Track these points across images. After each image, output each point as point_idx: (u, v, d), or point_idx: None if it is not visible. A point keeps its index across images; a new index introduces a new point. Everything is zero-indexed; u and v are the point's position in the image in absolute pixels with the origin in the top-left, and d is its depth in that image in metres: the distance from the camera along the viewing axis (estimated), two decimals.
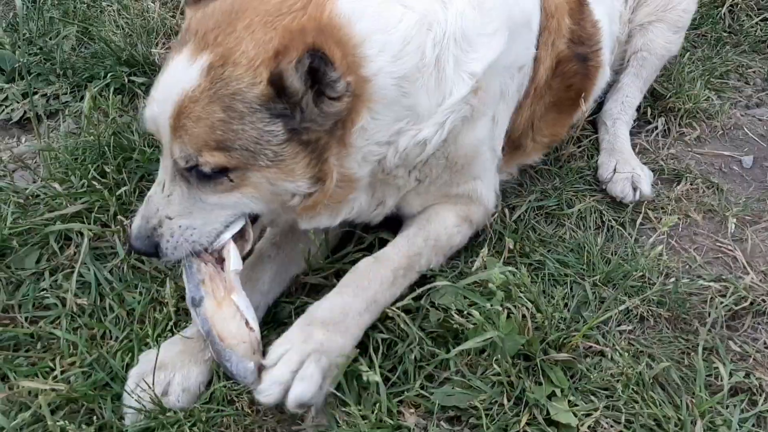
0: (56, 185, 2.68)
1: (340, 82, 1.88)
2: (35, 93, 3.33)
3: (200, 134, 1.87)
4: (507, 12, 2.28)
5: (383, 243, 2.46)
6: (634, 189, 2.92)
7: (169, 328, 2.25)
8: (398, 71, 2.02)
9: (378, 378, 2.00)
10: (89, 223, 2.55)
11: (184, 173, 1.98)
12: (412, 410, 2.09)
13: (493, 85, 2.31)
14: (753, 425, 2.15)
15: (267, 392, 1.93)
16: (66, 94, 3.37)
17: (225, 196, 2.01)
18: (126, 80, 3.34)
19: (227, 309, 2.08)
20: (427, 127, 2.16)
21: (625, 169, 2.97)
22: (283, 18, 1.90)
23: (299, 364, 1.95)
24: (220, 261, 2.14)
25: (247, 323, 2.08)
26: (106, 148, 2.82)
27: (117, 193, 2.66)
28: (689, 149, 3.34)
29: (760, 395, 2.22)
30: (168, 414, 1.96)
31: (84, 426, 1.94)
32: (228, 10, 1.93)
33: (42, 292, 2.36)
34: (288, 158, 1.95)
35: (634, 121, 3.40)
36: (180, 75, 1.89)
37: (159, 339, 2.19)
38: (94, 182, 2.68)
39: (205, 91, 1.86)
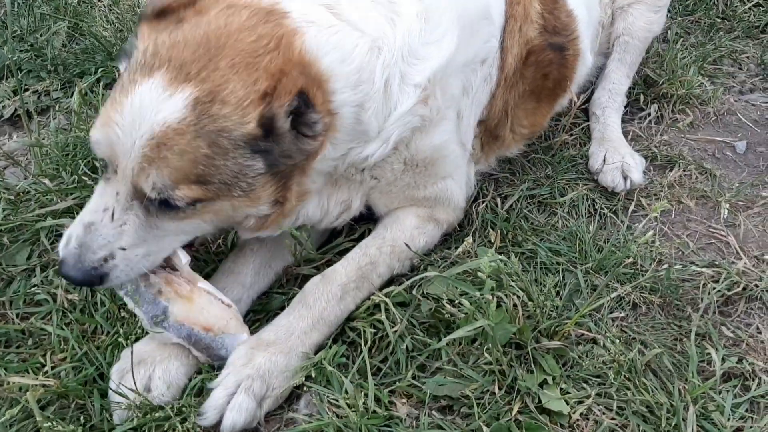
0: (47, 181, 2.67)
1: (319, 123, 1.93)
2: (26, 90, 3.33)
3: (182, 168, 1.85)
4: (457, 10, 2.26)
5: None
6: (625, 178, 2.92)
7: None
8: (356, 100, 2.05)
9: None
10: None
11: (144, 201, 1.93)
12: (404, 400, 2.09)
13: (451, 86, 2.30)
14: (746, 410, 2.15)
15: (204, 415, 1.95)
16: (57, 90, 3.36)
17: (185, 222, 2.01)
18: (117, 75, 3.32)
19: (201, 299, 2.08)
20: (372, 144, 2.18)
21: (615, 159, 2.96)
22: (261, 59, 1.89)
23: (236, 386, 1.98)
24: (167, 263, 2.12)
25: (222, 302, 2.10)
26: None
27: None
28: (682, 135, 3.33)
29: (753, 380, 2.22)
30: (156, 411, 1.96)
31: (74, 422, 1.94)
32: (204, 43, 1.89)
33: (33, 288, 2.35)
34: (258, 188, 1.98)
35: (626, 107, 3.39)
36: (156, 104, 1.83)
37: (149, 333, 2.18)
38: (85, 178, 2.67)
39: (191, 125, 1.83)
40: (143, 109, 1.84)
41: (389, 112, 2.15)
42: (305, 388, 2.08)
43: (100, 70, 3.35)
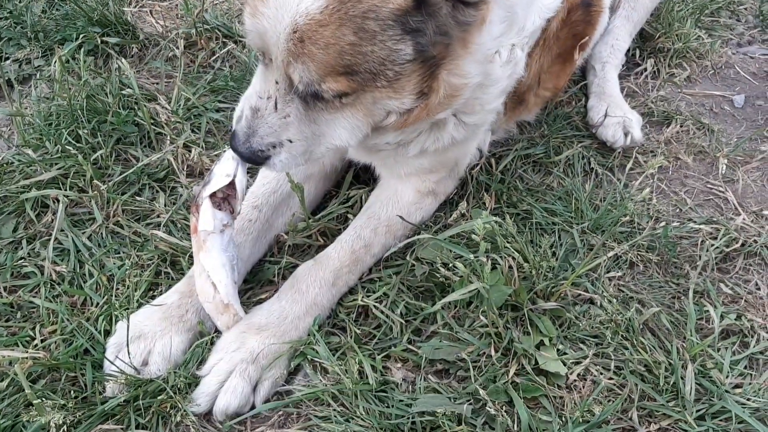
0: (30, 152, 2.61)
1: None
2: (6, 58, 3.24)
3: (328, 61, 1.70)
4: None
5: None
6: (626, 134, 2.85)
7: (150, 294, 2.22)
8: None
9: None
10: (65, 189, 2.49)
11: (300, 93, 1.84)
12: (399, 365, 2.06)
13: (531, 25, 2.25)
14: (745, 367, 2.14)
15: (196, 402, 1.92)
16: (38, 57, 3.26)
17: (332, 116, 1.92)
18: (99, 41, 3.24)
19: (196, 265, 2.06)
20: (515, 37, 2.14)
21: (616, 114, 2.90)
22: None
23: (228, 374, 1.94)
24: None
25: (213, 283, 2.04)
26: (79, 111, 2.74)
27: (92, 158, 2.59)
28: (679, 90, 3.26)
29: (752, 337, 2.21)
30: (149, 384, 1.94)
31: (66, 395, 1.91)
32: None
33: (20, 261, 2.30)
34: (404, 77, 1.82)
35: (622, 65, 3.31)
36: None
37: (140, 303, 2.15)
38: (69, 147, 2.60)
39: (334, 13, 1.64)
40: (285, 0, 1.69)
41: (523, 24, 2.16)
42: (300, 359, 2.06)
43: (81, 36, 3.24)
